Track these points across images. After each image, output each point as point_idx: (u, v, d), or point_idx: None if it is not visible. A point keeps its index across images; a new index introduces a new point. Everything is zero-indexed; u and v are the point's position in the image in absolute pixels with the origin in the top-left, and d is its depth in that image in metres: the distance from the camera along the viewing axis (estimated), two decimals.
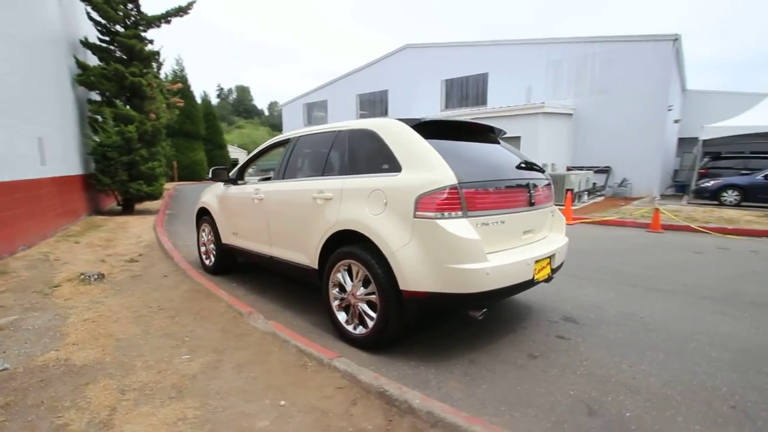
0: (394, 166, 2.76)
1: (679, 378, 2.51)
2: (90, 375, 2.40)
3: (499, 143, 3.37)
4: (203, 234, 5.13)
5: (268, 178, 4.96)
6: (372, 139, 3.00)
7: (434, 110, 20.38)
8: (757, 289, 4.34)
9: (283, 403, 2.16)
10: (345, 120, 3.53)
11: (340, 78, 25.18)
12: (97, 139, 9.08)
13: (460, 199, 2.50)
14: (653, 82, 14.63)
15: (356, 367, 2.39)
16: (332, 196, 3.07)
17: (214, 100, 67.20)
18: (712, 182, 12.00)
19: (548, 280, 3.06)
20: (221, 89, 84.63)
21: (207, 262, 5.10)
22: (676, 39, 14.26)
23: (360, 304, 2.89)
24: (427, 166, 2.60)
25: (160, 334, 3.04)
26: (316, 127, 3.74)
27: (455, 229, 2.44)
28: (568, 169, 15.66)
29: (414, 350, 2.85)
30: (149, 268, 5.09)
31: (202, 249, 5.21)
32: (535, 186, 3.04)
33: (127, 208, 10.24)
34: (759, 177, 11.14)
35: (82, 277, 4.43)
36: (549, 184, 3.35)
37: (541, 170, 3.27)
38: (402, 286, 2.57)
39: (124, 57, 9.80)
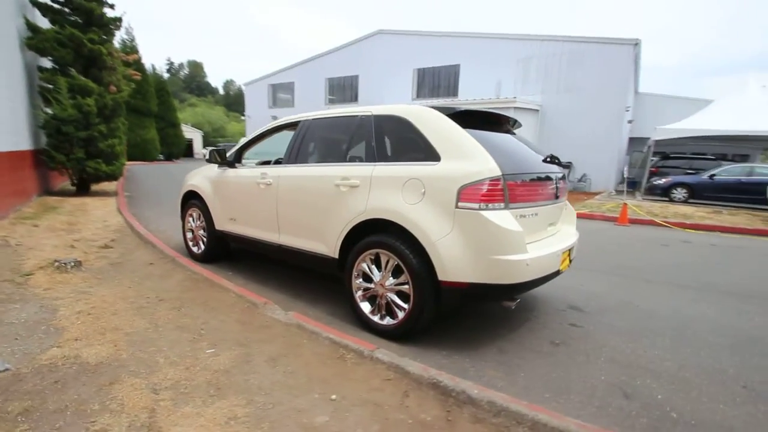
0: (432, 155, 2.71)
1: (690, 361, 2.72)
2: (110, 374, 2.18)
3: (514, 134, 3.41)
4: (190, 220, 4.80)
5: (267, 162, 4.74)
6: (403, 126, 2.92)
7: (405, 99, 20.35)
8: (727, 279, 4.78)
9: (334, 397, 2.08)
10: (313, 103, 3.41)
11: (309, 60, 24.41)
12: (50, 111, 8.18)
13: (503, 191, 2.51)
14: (615, 83, 15.50)
15: (400, 358, 2.36)
16: (359, 184, 2.97)
17: (164, 75, 62.81)
18: (663, 180, 13.00)
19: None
20: (171, 63, 79.33)
21: (195, 249, 4.79)
22: (636, 44, 15.15)
23: (389, 294, 2.84)
24: (469, 156, 2.58)
25: (172, 326, 2.82)
26: (329, 110, 3.59)
27: (500, 220, 2.45)
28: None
29: (442, 340, 2.86)
30: (128, 255, 4.71)
31: (189, 235, 4.88)
32: (559, 179, 3.12)
33: (82, 188, 9.37)
34: (705, 177, 12.22)
35: (57, 264, 4.01)
36: (564, 177, 3.45)
37: (561, 163, 3.36)
38: (441, 277, 2.55)
39: (80, 21, 8.84)
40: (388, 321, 2.88)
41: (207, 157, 4.28)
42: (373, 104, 18.24)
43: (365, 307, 3.00)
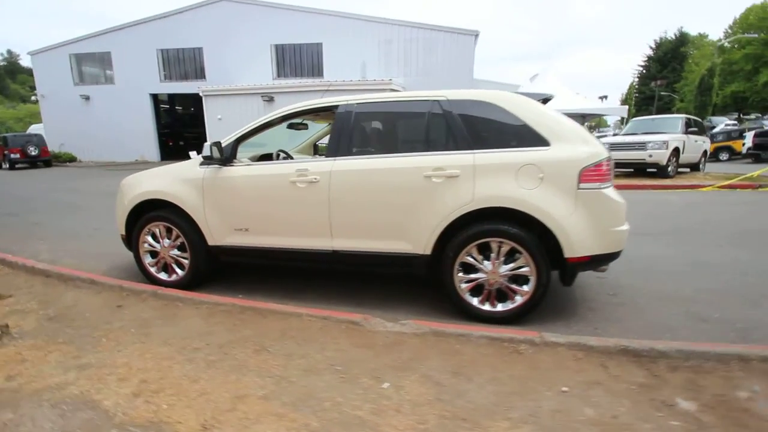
0: (538, 140, 2.77)
1: (735, 290, 3.44)
2: None
3: None
4: (150, 239, 3.61)
5: (268, 157, 3.94)
6: (495, 111, 2.88)
7: (265, 78, 18.85)
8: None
9: (565, 389, 2.07)
10: (142, 79, 3.18)
11: (131, 25, 19.95)
12: None
13: (611, 169, 2.80)
14: (461, 69, 17.74)
15: (578, 336, 2.47)
16: (459, 173, 2.82)
17: None
18: None
19: None
20: None
21: (164, 276, 3.65)
22: (476, 35, 17.60)
23: (501, 281, 2.85)
24: (579, 139, 2.76)
25: (296, 373, 2.19)
26: (382, 94, 3.21)
27: (614, 195, 2.75)
28: None
29: (544, 315, 3.03)
30: (56, 304, 3.28)
31: (148, 260, 3.68)
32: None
33: None
34: None
35: None
36: None
37: None
38: (567, 254, 2.71)
39: None
40: (502, 307, 2.90)
41: (206, 153, 3.25)
42: (226, 81, 16.56)
43: (471, 298, 2.94)
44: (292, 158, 3.94)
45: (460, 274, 2.91)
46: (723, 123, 22.22)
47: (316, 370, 2.25)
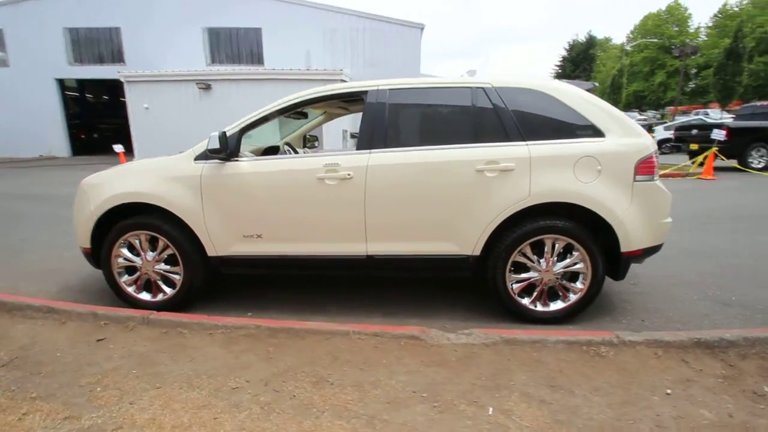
0: (593, 131, 2.66)
1: (731, 271, 3.66)
2: None
3: None
4: (126, 252, 2.92)
5: (274, 150, 3.41)
6: (546, 101, 2.71)
7: (198, 64, 17.18)
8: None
9: (668, 391, 1.97)
10: (45, 61, 2.91)
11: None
12: None
13: (657, 162, 2.78)
14: (409, 61, 17.67)
15: (649, 333, 2.40)
16: (514, 167, 2.61)
17: None
18: None
19: None
20: None
21: (147, 296, 3.00)
22: (422, 28, 17.63)
23: (555, 279, 2.72)
24: (631, 131, 2.69)
25: (384, 407, 1.83)
26: (415, 79, 2.88)
27: (664, 187, 2.73)
28: (352, 136, 17.11)
29: (586, 312, 2.94)
30: (5, 345, 2.52)
31: (124, 278, 2.99)
32: None
33: None
34: None
35: None
36: None
37: None
38: (624, 249, 2.64)
39: None
40: (554, 306, 2.77)
41: (213, 145, 2.64)
42: (149, 66, 14.88)
43: (522, 298, 2.77)
44: (296, 152, 3.45)
45: (512, 275, 2.73)
46: (634, 118, 24.94)
47: (401, 401, 1.91)
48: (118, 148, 11.57)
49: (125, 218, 2.92)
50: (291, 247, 2.85)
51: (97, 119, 21.00)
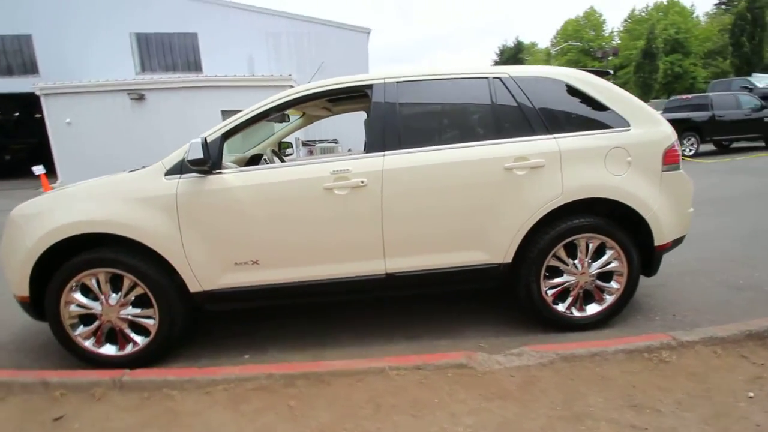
0: (619, 121, 2.50)
1: (733, 256, 3.69)
2: None
3: None
4: (79, 297, 2.30)
5: (257, 158, 2.92)
6: (567, 90, 2.53)
7: (126, 73, 15.62)
8: None
9: (751, 395, 1.81)
10: None
11: None
12: None
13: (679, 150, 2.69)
14: (356, 66, 17.38)
15: (702, 330, 2.26)
16: (544, 163, 2.37)
17: None
18: None
19: None
20: None
21: (112, 350, 2.38)
22: (368, 32, 17.48)
23: (591, 280, 2.52)
24: (654, 119, 2.58)
25: None
26: (424, 70, 2.55)
27: (688, 176, 2.64)
28: (304, 144, 16.48)
29: (620, 315, 2.77)
30: None
31: (78, 330, 2.35)
32: None
33: None
34: None
35: None
36: None
37: None
38: (657, 242, 2.51)
39: None
40: (591, 311, 2.57)
41: (195, 155, 2.10)
42: (69, 77, 13.44)
43: (557, 305, 2.54)
44: (283, 161, 2.98)
45: (547, 280, 2.49)
46: None
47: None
48: (39, 169, 10.03)
49: (72, 255, 2.29)
50: (294, 273, 2.39)
51: (7, 139, 18.42)
